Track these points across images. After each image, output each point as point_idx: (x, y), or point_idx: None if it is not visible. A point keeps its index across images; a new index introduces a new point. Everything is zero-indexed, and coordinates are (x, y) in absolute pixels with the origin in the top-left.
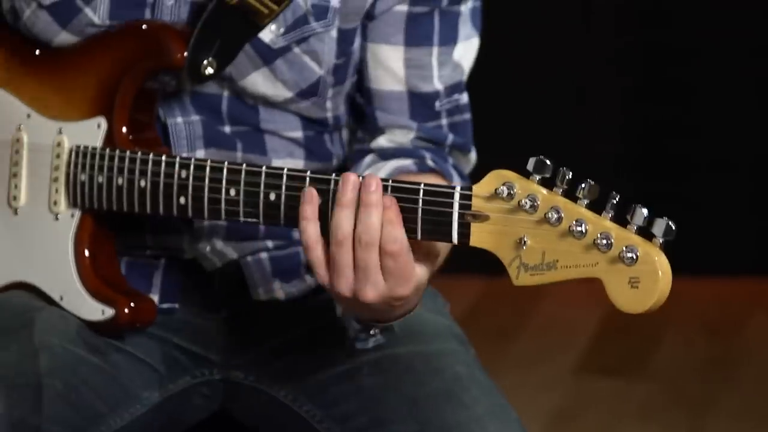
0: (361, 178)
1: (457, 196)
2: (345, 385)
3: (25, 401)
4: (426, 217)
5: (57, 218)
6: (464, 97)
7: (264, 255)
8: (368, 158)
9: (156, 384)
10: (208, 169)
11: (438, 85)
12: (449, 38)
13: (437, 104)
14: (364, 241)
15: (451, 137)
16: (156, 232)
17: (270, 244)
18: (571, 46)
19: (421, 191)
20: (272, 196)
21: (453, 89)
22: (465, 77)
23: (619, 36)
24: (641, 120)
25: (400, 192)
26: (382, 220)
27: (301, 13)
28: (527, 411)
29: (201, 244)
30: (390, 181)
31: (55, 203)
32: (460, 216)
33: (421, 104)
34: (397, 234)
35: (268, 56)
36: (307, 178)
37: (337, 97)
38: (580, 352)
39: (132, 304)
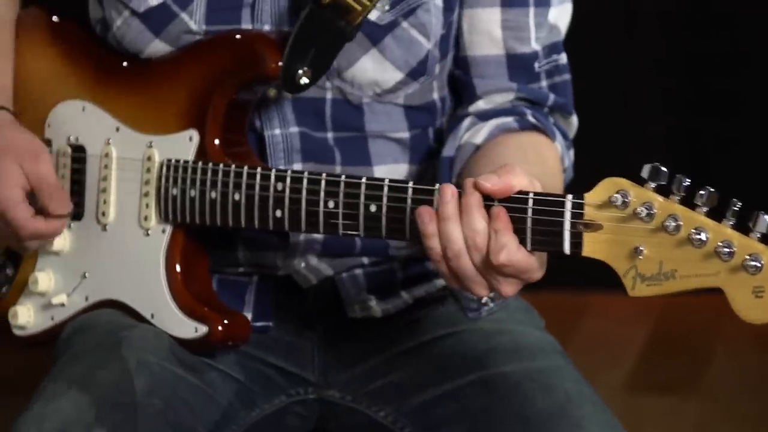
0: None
1: (568, 205)
2: (449, 405)
3: (127, 420)
4: (536, 227)
5: (147, 234)
6: (563, 58)
7: (359, 271)
8: (466, 121)
9: (251, 404)
10: (305, 180)
11: (536, 46)
12: (545, 0)
13: (536, 65)
14: (476, 247)
15: (552, 98)
16: (249, 248)
17: (365, 260)
18: (614, 51)
19: (531, 200)
20: (373, 208)
21: (551, 50)
22: (562, 38)
23: (662, 41)
24: (684, 126)
25: (509, 201)
26: (489, 230)
27: None
28: None
29: (296, 261)
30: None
31: (146, 218)
32: (572, 225)
33: (519, 66)
34: (505, 242)
35: (376, 35)
36: (410, 189)
37: (442, 74)
38: (629, 369)
39: (225, 321)
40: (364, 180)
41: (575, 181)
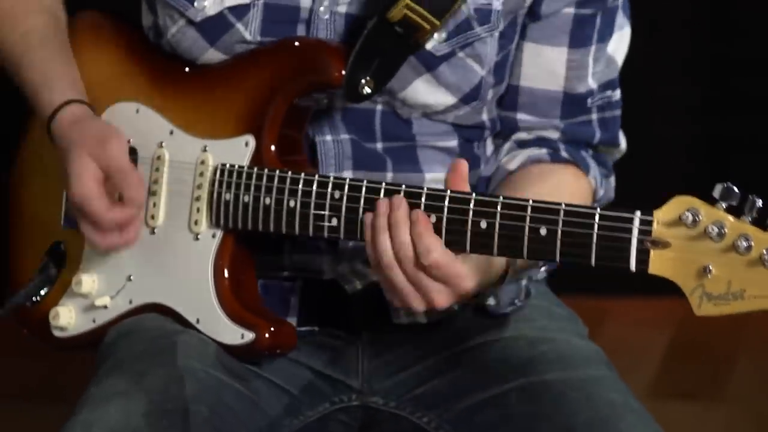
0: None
1: (636, 222)
2: (492, 412)
3: (174, 427)
4: (602, 243)
5: (197, 238)
6: (617, 94)
7: None
8: (507, 145)
9: (295, 411)
10: (363, 189)
11: (592, 84)
12: (606, 34)
13: (589, 101)
14: (402, 259)
15: (598, 134)
16: (295, 252)
17: None
18: (638, 56)
19: (597, 215)
20: (433, 219)
21: (606, 86)
22: (617, 73)
23: (686, 46)
24: (708, 130)
25: (575, 216)
26: (411, 235)
27: (463, 18)
28: None
29: (342, 265)
30: (562, 204)
31: (196, 223)
32: (640, 242)
33: (573, 103)
34: (428, 244)
35: (431, 63)
36: (472, 200)
37: (493, 99)
38: (651, 375)
39: (272, 329)
40: (425, 190)
41: None
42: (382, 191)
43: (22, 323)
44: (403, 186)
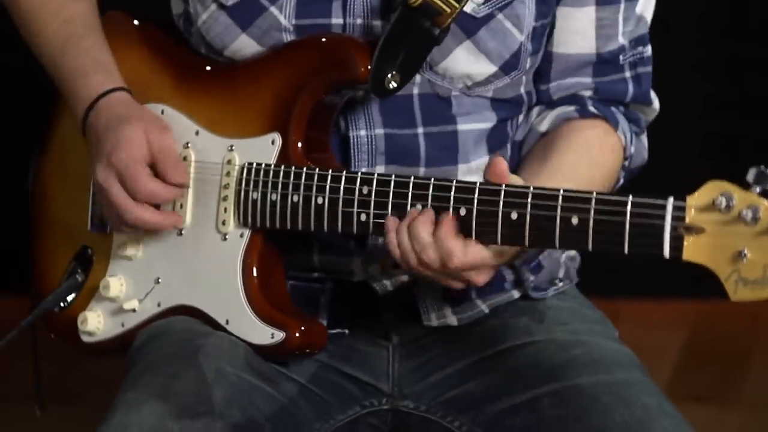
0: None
1: (669, 208)
2: (525, 416)
3: (206, 430)
4: (635, 230)
5: (225, 238)
6: (648, 50)
7: None
8: (536, 109)
9: (326, 414)
10: (392, 184)
11: (623, 40)
12: None
13: (621, 58)
14: (430, 264)
15: (631, 91)
16: (324, 252)
17: None
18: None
19: (629, 203)
20: (463, 211)
21: (637, 42)
22: (647, 29)
23: (700, 46)
24: (722, 130)
25: (606, 204)
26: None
27: None
28: None
29: (372, 266)
30: (594, 193)
31: (224, 223)
32: (673, 229)
33: (605, 62)
34: (450, 248)
35: (471, 27)
36: (502, 191)
37: (531, 70)
38: (665, 378)
39: (303, 328)
40: (454, 183)
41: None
42: (411, 185)
43: (50, 328)
44: (432, 179)
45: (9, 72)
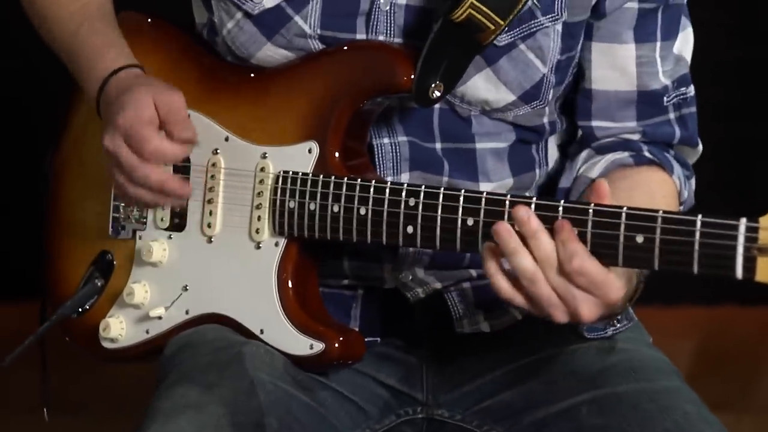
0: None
1: (742, 229)
2: (563, 425)
3: None
4: (705, 251)
5: (259, 247)
6: (691, 90)
7: (467, 285)
8: (584, 153)
9: (362, 423)
10: (441, 197)
11: (665, 80)
12: (671, 32)
13: (665, 99)
14: (548, 268)
15: (678, 133)
16: (355, 260)
17: (474, 273)
18: None
19: (699, 222)
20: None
21: (680, 83)
22: (688, 70)
23: (712, 50)
24: (733, 135)
25: (674, 223)
26: (555, 243)
27: (526, 8)
28: None
29: (403, 273)
30: (660, 212)
31: (257, 231)
32: (746, 249)
33: (649, 102)
34: (573, 249)
35: (492, 56)
36: (561, 207)
37: (555, 101)
38: None
39: (341, 339)
40: (508, 197)
41: None
42: (461, 198)
43: (67, 334)
44: (485, 193)
45: (12, 76)
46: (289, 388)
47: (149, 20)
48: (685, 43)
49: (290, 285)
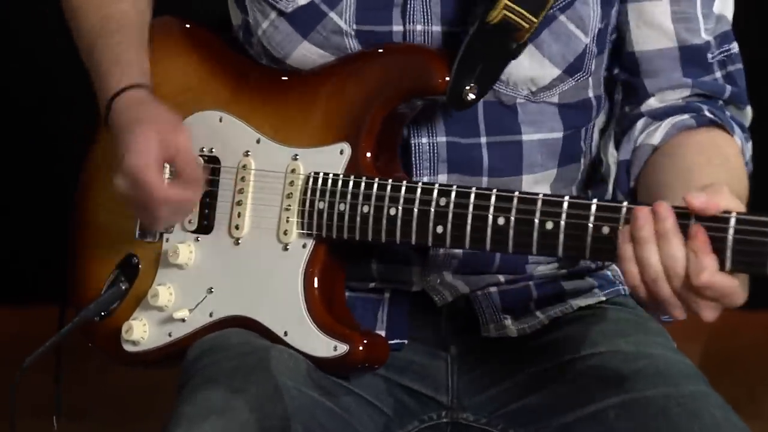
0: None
1: None
2: (591, 428)
3: None
4: (740, 248)
5: (286, 248)
6: (735, 47)
7: (494, 289)
8: (640, 122)
9: (385, 429)
10: (472, 196)
11: (707, 37)
12: None
13: (709, 56)
14: (673, 275)
15: (728, 89)
16: (383, 262)
17: (501, 278)
18: None
19: (733, 219)
20: (549, 225)
21: (723, 39)
22: (730, 27)
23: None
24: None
25: (709, 221)
26: (687, 251)
27: None
28: None
29: (431, 276)
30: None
31: (285, 233)
32: None
33: (693, 58)
34: (704, 264)
35: (533, 31)
36: (593, 206)
37: (598, 71)
38: None
39: (365, 341)
40: (541, 196)
41: None
42: (493, 197)
43: (88, 337)
44: (517, 192)
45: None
46: (314, 394)
47: (183, 24)
48: (726, 3)
49: (316, 286)
